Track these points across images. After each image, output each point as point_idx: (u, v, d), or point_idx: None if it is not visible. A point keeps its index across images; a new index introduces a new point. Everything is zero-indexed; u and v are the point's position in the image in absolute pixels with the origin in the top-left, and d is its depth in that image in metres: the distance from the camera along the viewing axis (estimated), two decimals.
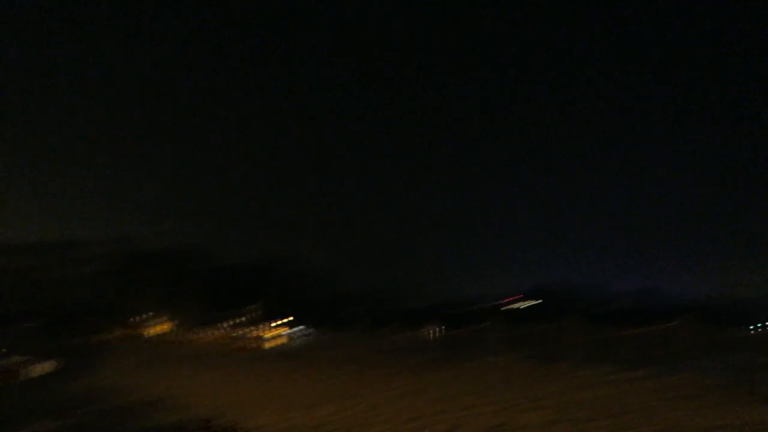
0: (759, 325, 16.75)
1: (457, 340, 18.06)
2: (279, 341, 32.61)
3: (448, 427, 5.47)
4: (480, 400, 6.95)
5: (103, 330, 8.62)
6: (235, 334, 36.26)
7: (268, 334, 33.97)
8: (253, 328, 27.36)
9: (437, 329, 19.12)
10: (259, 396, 8.28)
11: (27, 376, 7.47)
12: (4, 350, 8.04)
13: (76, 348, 8.12)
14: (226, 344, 31.54)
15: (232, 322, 46.13)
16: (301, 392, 8.70)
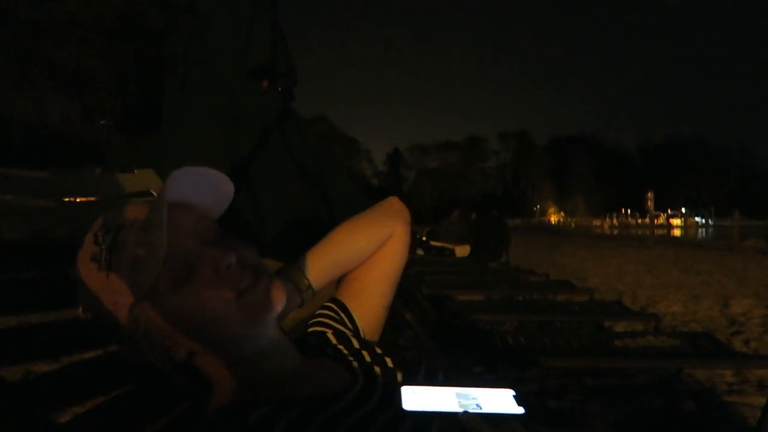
0: None
1: None
2: (674, 232, 30.49)
3: None
4: None
5: (505, 218, 9.69)
6: (627, 223, 35.45)
7: (662, 224, 32.08)
8: (646, 217, 26.20)
9: None
10: (659, 285, 8.12)
11: (455, 255, 9.17)
12: (424, 237, 9.86)
13: (484, 234, 9.41)
14: (619, 233, 31.19)
15: (623, 211, 45.07)
16: (709, 284, 8.17)
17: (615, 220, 39.79)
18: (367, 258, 1.10)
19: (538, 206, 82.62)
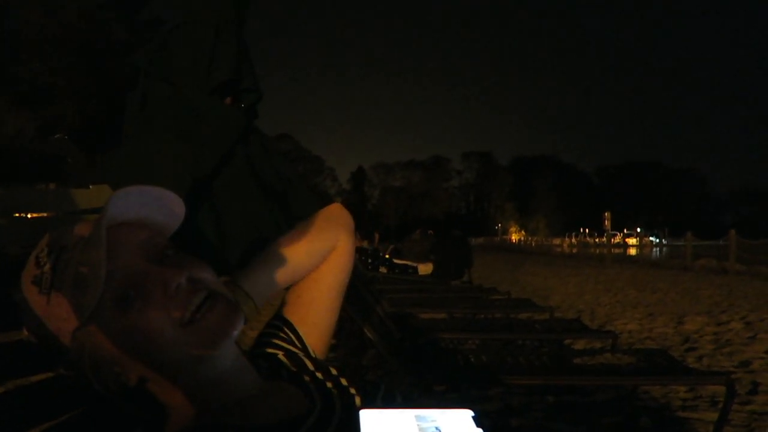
0: None
1: None
2: (630, 250, 31.31)
3: None
4: None
5: (469, 237, 9.78)
6: (586, 242, 36.24)
7: (619, 243, 32.92)
8: (604, 236, 26.88)
9: None
10: (617, 303, 8.31)
11: (418, 273, 9.18)
12: (390, 255, 9.90)
13: (447, 253, 9.49)
14: (579, 252, 31.85)
15: (582, 230, 46.10)
16: (664, 302, 8.40)
17: (574, 239, 40.60)
18: (309, 271, 1.06)
19: (500, 225, 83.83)
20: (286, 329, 1.00)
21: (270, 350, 0.97)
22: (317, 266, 1.06)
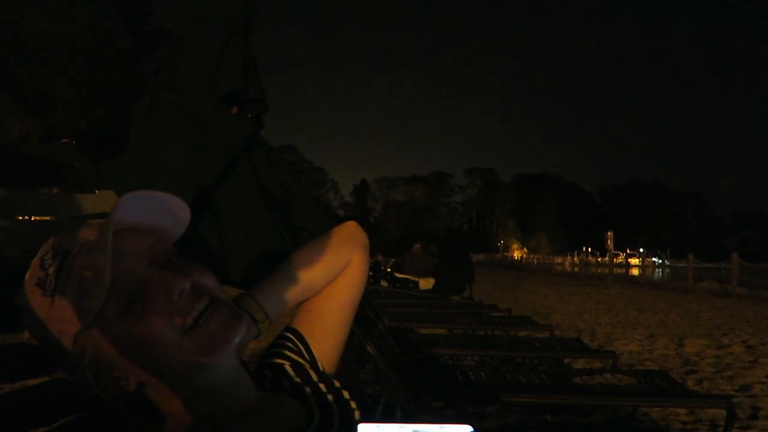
0: None
1: None
2: (632, 271, 31.20)
3: None
4: None
5: (470, 253, 9.76)
6: (587, 261, 36.13)
7: (621, 263, 32.81)
8: (606, 256, 26.79)
9: None
10: (617, 323, 8.27)
11: (418, 288, 9.15)
12: (387, 270, 9.86)
13: (448, 268, 9.45)
14: (580, 270, 31.73)
15: (584, 249, 45.95)
16: (665, 324, 8.36)
17: (576, 258, 40.47)
18: (324, 287, 1.07)
19: (502, 242, 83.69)
20: (295, 340, 1.01)
21: (277, 360, 0.97)
22: (331, 282, 1.07)
